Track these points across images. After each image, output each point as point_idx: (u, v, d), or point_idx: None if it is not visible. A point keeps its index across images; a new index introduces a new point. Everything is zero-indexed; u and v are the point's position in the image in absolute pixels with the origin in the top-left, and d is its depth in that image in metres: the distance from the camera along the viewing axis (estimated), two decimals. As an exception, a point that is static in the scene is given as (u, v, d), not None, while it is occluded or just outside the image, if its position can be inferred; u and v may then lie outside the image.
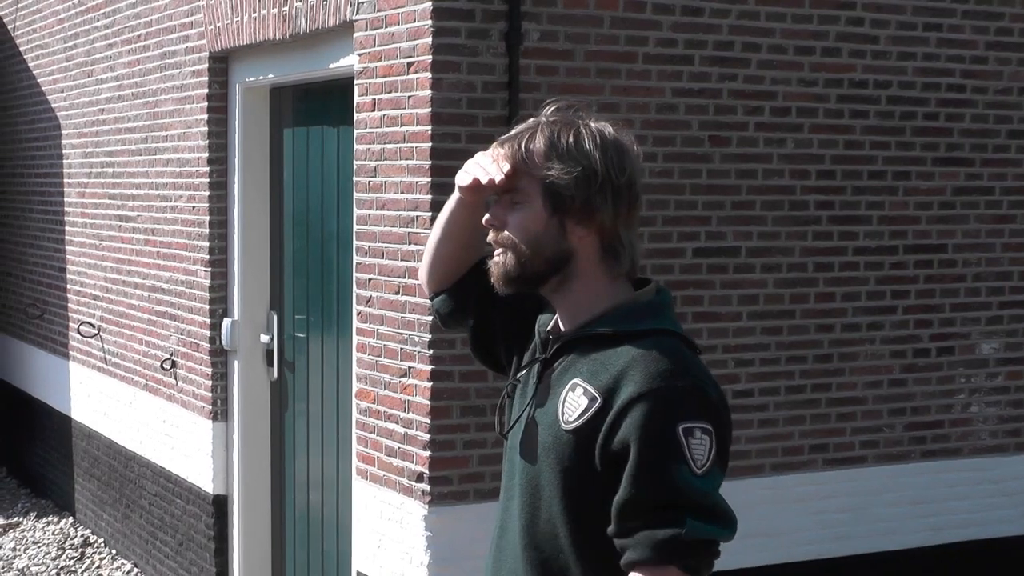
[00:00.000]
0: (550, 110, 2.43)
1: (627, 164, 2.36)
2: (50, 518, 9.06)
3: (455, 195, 2.59)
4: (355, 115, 5.27)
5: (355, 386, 5.35)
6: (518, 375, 2.52)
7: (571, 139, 2.35)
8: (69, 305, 8.85)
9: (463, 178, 2.49)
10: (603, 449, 2.25)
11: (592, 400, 2.28)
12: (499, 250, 2.43)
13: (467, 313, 2.69)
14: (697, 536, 2.17)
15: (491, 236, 2.46)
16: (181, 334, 6.97)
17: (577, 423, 2.29)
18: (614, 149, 2.36)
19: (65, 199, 8.86)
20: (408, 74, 4.90)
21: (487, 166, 2.42)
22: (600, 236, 2.37)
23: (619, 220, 2.36)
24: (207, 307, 6.65)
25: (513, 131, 2.44)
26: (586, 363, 2.33)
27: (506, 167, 2.39)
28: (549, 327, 2.48)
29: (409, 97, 4.90)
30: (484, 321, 2.67)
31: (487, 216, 2.46)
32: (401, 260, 4.99)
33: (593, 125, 2.38)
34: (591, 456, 2.27)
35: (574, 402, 2.31)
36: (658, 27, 5.15)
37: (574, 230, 2.36)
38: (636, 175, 2.37)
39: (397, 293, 5.02)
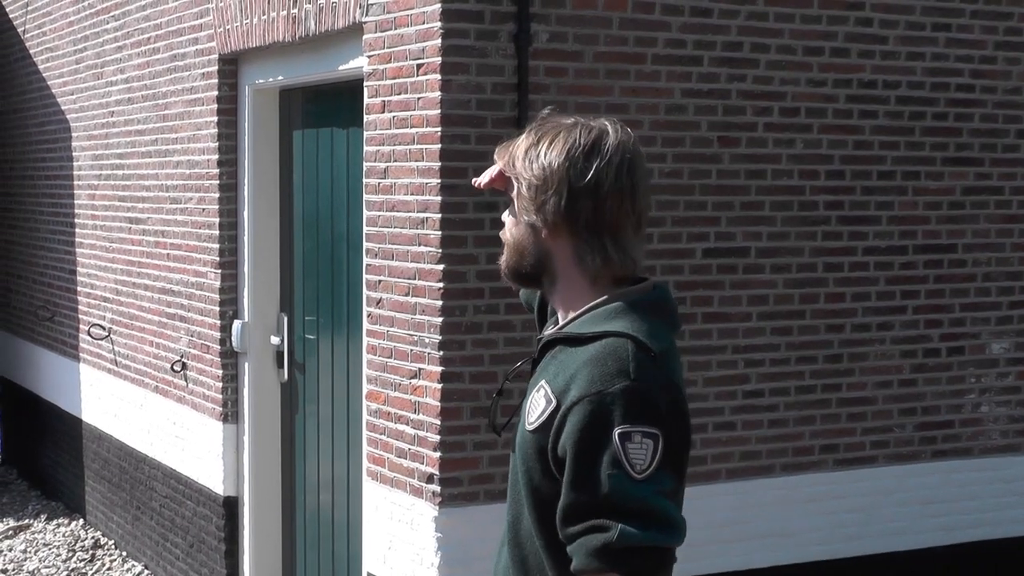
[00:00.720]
0: (544, 113, 2.46)
1: (592, 167, 2.32)
2: (60, 520, 9.07)
3: None
4: (365, 117, 5.28)
5: (365, 387, 5.36)
6: (508, 373, 2.56)
7: (544, 145, 2.36)
8: (79, 307, 8.86)
9: None
10: (553, 453, 2.25)
11: (549, 402, 2.29)
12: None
13: (535, 301, 2.78)
14: (629, 543, 2.13)
15: (501, 233, 2.52)
16: (191, 336, 6.99)
17: (536, 424, 2.30)
18: (582, 153, 2.33)
19: (75, 201, 8.87)
20: (417, 76, 4.91)
21: (490, 169, 2.54)
22: (571, 238, 2.36)
23: (580, 222, 2.34)
24: (217, 309, 6.66)
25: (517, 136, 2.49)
26: (554, 365, 2.35)
27: (495, 170, 2.49)
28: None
29: (418, 99, 4.91)
30: (542, 309, 2.72)
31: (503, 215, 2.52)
32: (411, 261, 4.99)
33: (578, 130, 2.35)
34: (547, 459, 2.27)
35: (536, 403, 2.32)
36: (667, 28, 5.15)
37: (542, 232, 2.38)
38: (604, 178, 2.32)
39: (407, 295, 5.02)
